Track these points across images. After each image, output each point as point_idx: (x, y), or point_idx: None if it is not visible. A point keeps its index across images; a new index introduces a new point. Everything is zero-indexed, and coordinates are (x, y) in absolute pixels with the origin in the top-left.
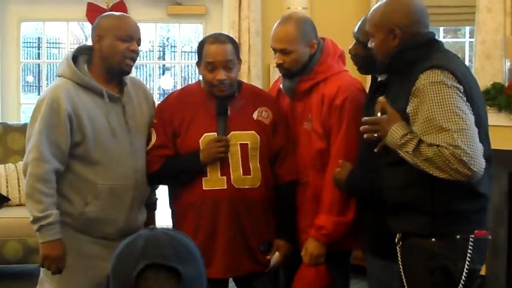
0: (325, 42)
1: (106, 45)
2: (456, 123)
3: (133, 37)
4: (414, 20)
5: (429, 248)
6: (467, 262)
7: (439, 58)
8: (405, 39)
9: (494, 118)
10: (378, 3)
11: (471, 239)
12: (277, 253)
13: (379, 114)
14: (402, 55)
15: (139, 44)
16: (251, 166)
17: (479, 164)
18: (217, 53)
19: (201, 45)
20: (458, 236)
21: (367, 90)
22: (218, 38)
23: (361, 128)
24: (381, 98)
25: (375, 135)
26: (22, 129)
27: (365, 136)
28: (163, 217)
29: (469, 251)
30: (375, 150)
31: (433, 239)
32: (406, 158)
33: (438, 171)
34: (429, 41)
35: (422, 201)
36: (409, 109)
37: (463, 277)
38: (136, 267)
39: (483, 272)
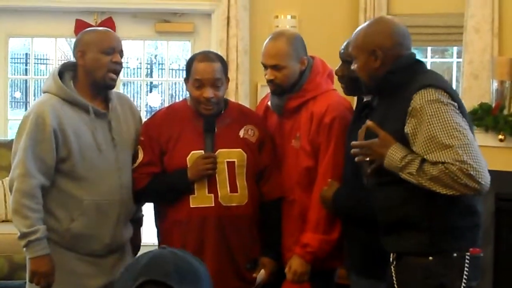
0: (314, 60)
1: (90, 59)
2: (458, 138)
3: (115, 49)
4: (396, 42)
5: (426, 266)
6: (463, 280)
7: (428, 77)
8: (386, 61)
9: (481, 138)
10: (361, 26)
11: (467, 256)
12: (262, 271)
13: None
14: (388, 78)
15: (121, 56)
16: (238, 184)
17: (486, 177)
18: (205, 71)
19: (190, 62)
20: (455, 254)
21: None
22: (207, 56)
23: (352, 151)
24: (370, 123)
25: (367, 159)
26: (9, 145)
27: (356, 159)
28: (149, 234)
29: (465, 268)
30: (368, 172)
31: (430, 257)
32: (409, 179)
33: (444, 189)
34: (414, 63)
35: (418, 219)
36: (407, 129)
37: None
38: (136, 282)
39: None
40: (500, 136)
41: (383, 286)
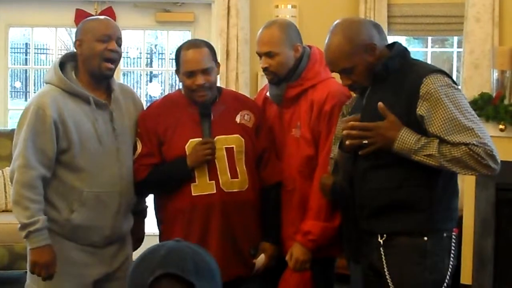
0: (312, 49)
1: (86, 48)
2: (475, 122)
3: (111, 37)
4: (375, 30)
5: (422, 246)
6: (451, 259)
7: (428, 64)
8: (381, 50)
9: None
10: (329, 41)
11: (453, 236)
12: (262, 255)
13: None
14: (388, 64)
15: (119, 44)
16: (238, 169)
17: (499, 159)
18: (194, 60)
19: (178, 53)
20: (445, 234)
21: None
22: (193, 43)
23: (345, 132)
24: (380, 104)
25: (365, 141)
26: (9, 135)
27: (347, 142)
28: (152, 225)
29: (452, 247)
30: (360, 153)
31: (425, 238)
32: (425, 160)
33: (464, 169)
34: (405, 49)
35: (419, 200)
36: (419, 112)
37: (448, 273)
38: (154, 274)
39: (469, 282)
40: (501, 126)
41: (360, 269)
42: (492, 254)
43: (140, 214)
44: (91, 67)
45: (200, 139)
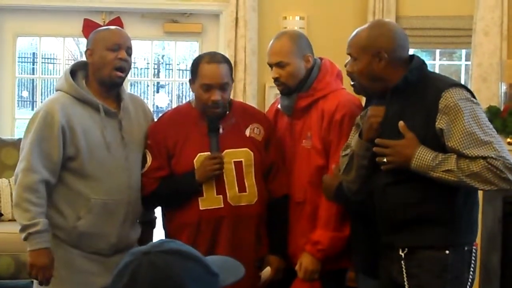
0: (323, 61)
1: (97, 57)
2: (493, 136)
3: (121, 46)
4: (398, 44)
5: (443, 259)
6: (470, 273)
7: (447, 77)
8: (390, 62)
9: None
10: (361, 28)
11: (473, 250)
12: (268, 268)
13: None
14: (408, 78)
15: (129, 54)
16: (246, 183)
17: None
18: (213, 75)
19: (196, 64)
20: (465, 248)
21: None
22: (214, 58)
23: (375, 149)
24: (401, 123)
25: (384, 160)
26: (16, 144)
27: (377, 159)
28: (161, 236)
29: (472, 261)
30: (382, 168)
31: (447, 251)
32: (444, 176)
33: (483, 184)
34: (423, 63)
35: (440, 214)
36: (439, 126)
37: (467, 287)
38: None
39: None
40: (509, 140)
41: (375, 284)
42: (499, 268)
43: (149, 224)
44: (101, 76)
45: (209, 153)
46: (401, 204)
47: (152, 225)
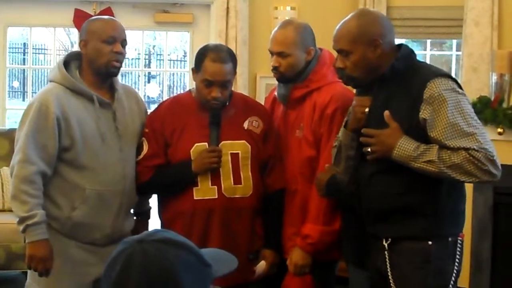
0: (322, 52)
1: (91, 49)
2: (476, 127)
3: (117, 39)
4: (388, 30)
5: (426, 250)
6: (456, 264)
7: (434, 67)
8: (385, 49)
9: None
10: (344, 20)
11: (459, 240)
12: (262, 262)
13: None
14: (395, 66)
15: (124, 46)
16: (242, 175)
17: (500, 165)
18: (216, 73)
19: (202, 57)
20: (450, 239)
21: None
22: (219, 56)
23: (361, 139)
24: (387, 113)
25: (369, 149)
26: (6, 134)
27: (364, 149)
28: (156, 226)
29: (457, 252)
30: (368, 157)
31: (430, 242)
32: (425, 167)
33: (464, 176)
34: (411, 51)
35: (423, 205)
36: (422, 116)
37: (452, 278)
38: None
39: (466, 286)
40: (499, 130)
41: (366, 275)
42: (489, 258)
43: (144, 215)
44: (97, 66)
45: (206, 144)
46: (385, 194)
47: (147, 215)
